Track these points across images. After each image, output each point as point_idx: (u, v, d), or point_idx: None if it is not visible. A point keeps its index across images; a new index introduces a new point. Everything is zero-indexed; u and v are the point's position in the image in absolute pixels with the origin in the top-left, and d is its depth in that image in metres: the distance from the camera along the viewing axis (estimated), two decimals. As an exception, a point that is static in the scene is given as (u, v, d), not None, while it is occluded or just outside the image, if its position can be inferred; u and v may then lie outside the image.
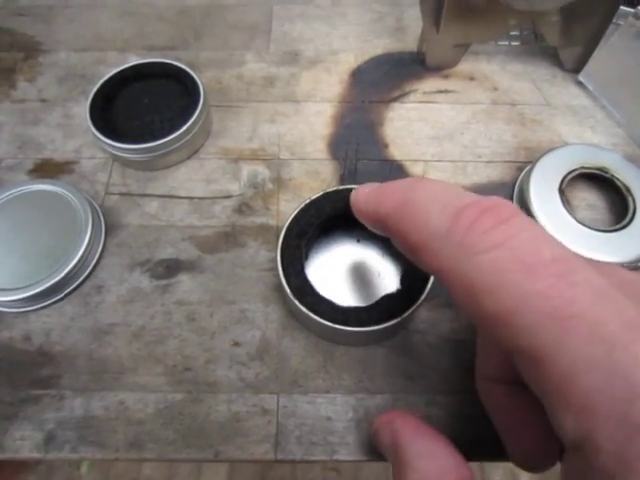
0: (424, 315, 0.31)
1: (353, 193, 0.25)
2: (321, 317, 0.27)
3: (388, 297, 0.28)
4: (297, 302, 0.27)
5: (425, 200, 0.19)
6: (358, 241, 0.32)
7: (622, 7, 0.35)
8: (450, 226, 0.17)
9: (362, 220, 0.25)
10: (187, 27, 0.46)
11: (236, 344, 0.31)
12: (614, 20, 0.36)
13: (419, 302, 0.27)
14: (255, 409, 0.29)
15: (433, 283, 0.28)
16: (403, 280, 0.28)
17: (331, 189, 0.30)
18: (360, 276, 0.31)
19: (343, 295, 0.30)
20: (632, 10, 0.34)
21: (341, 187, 0.30)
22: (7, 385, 0.31)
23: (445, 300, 0.32)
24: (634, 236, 0.32)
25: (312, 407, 0.29)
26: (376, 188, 0.23)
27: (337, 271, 0.32)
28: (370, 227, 0.24)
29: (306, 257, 0.31)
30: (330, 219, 0.30)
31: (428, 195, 0.19)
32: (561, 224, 0.32)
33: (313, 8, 0.47)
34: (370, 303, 0.28)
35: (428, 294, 0.28)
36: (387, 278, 0.31)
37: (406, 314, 0.27)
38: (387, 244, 0.32)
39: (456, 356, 0.30)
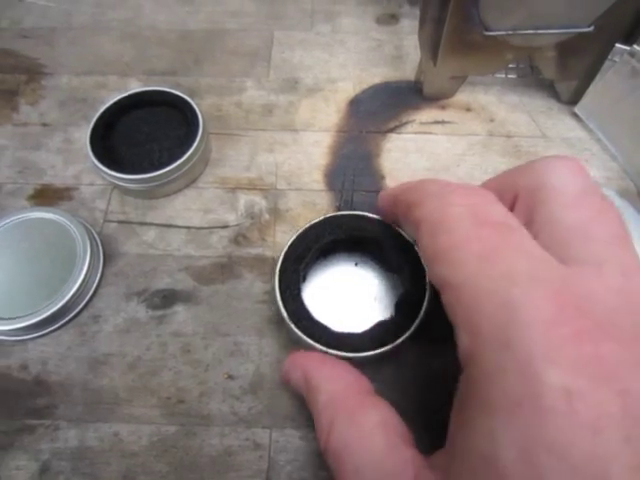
0: (418, 347, 0.31)
1: (382, 193, 0.30)
2: (316, 342, 0.27)
3: (381, 324, 0.28)
4: (293, 326, 0.28)
5: (433, 179, 0.26)
6: (356, 265, 0.33)
7: (617, 45, 0.35)
8: (441, 190, 0.24)
9: (389, 214, 0.29)
10: (188, 52, 0.47)
11: (230, 377, 0.32)
12: (610, 57, 0.36)
13: (411, 330, 0.27)
14: (247, 443, 0.30)
15: (426, 311, 0.28)
16: (398, 306, 0.29)
17: (331, 214, 0.31)
18: (357, 300, 0.31)
19: (339, 319, 0.30)
20: (627, 48, 0.35)
21: (341, 213, 0.31)
22: (3, 414, 0.31)
23: (439, 334, 0.32)
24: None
25: (304, 443, 0.30)
26: (414, 186, 0.26)
27: (334, 295, 0.32)
28: (393, 218, 0.29)
29: (304, 280, 0.31)
30: (329, 243, 0.31)
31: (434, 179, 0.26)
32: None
33: (313, 35, 0.47)
34: (365, 329, 0.28)
35: (421, 324, 0.28)
36: (383, 302, 0.31)
37: (397, 342, 0.27)
38: (385, 267, 0.32)
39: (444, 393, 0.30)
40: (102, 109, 0.39)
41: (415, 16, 0.36)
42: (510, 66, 0.41)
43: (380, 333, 0.27)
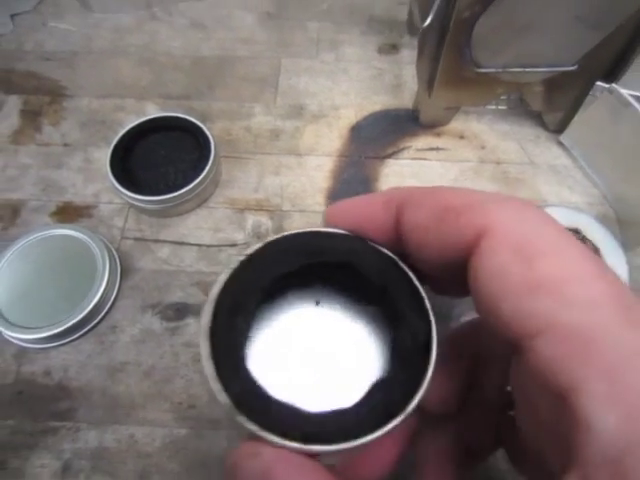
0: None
1: (341, 202, 0.21)
2: (284, 437, 0.16)
3: (379, 386, 0.18)
4: (242, 418, 0.16)
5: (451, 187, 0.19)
6: (318, 303, 0.21)
7: (598, 82, 0.38)
8: (505, 199, 0.17)
9: (353, 219, 0.20)
10: (201, 77, 0.50)
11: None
12: (591, 93, 0.39)
13: (424, 387, 0.17)
14: (252, 446, 0.33)
15: (438, 354, 0.18)
16: (395, 355, 0.19)
17: (271, 238, 0.20)
18: (330, 356, 0.20)
19: (312, 392, 0.19)
20: (607, 86, 0.38)
21: (285, 234, 0.20)
22: (28, 417, 0.34)
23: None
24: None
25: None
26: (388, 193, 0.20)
27: (296, 354, 0.20)
28: (362, 224, 0.20)
29: (248, 340, 0.19)
30: (277, 280, 0.19)
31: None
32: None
33: (318, 63, 0.50)
34: (355, 400, 0.17)
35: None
36: (371, 353, 0.20)
37: (410, 407, 0.17)
38: (360, 300, 0.21)
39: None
40: (121, 133, 0.42)
41: (414, 46, 0.39)
42: (501, 98, 0.44)
43: (381, 401, 0.17)
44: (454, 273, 0.17)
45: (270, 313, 0.21)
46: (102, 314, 0.37)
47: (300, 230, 0.20)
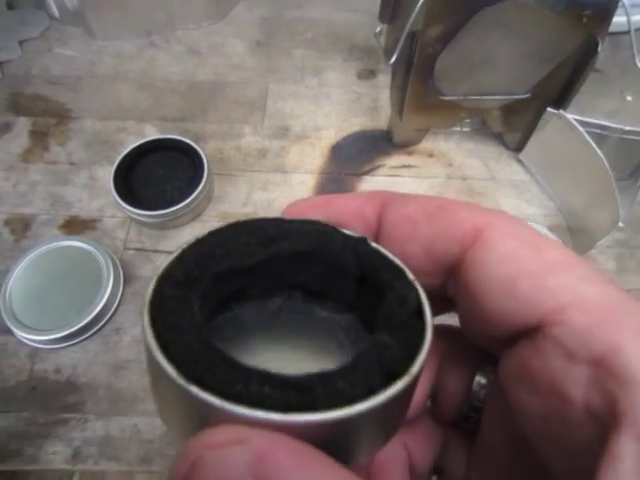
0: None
1: (309, 198, 0.19)
2: (256, 408, 0.11)
3: (373, 347, 0.13)
4: (198, 391, 0.11)
5: None
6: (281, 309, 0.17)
7: (549, 109, 0.43)
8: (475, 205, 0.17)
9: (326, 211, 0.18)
10: (196, 100, 0.55)
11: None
12: (543, 117, 0.44)
13: (429, 338, 0.14)
14: (241, 433, 0.37)
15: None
16: (384, 318, 0.15)
17: (212, 229, 0.17)
18: (302, 333, 0.17)
19: (284, 362, 0.16)
20: (556, 112, 0.42)
21: (225, 224, 0.17)
22: (41, 409, 0.38)
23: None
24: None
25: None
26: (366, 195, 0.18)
27: (262, 333, 0.17)
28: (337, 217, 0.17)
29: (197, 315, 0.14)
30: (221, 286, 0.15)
31: None
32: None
33: (303, 88, 0.55)
34: (344, 363, 0.13)
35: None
36: (354, 324, 0.17)
37: (419, 361, 0.13)
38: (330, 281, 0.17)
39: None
40: (123, 153, 0.46)
41: (390, 72, 0.44)
42: (465, 121, 0.48)
43: (376, 362, 0.13)
44: (433, 273, 0.16)
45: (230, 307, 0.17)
46: (107, 317, 0.42)
47: (248, 219, 0.16)
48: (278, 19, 0.61)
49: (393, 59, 0.38)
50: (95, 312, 0.40)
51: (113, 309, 0.42)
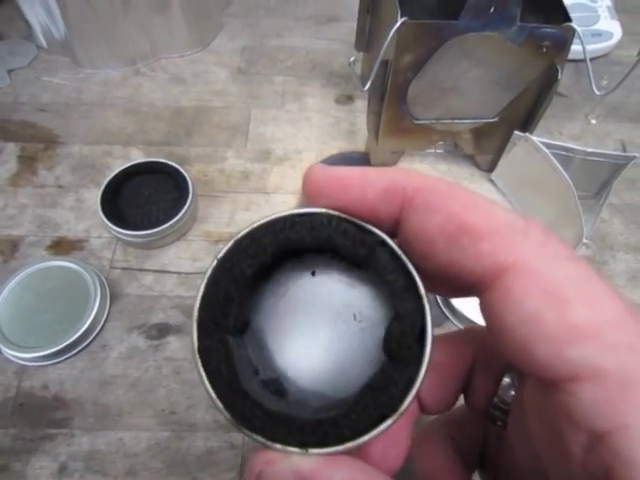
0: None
1: (327, 168, 0.18)
2: (285, 445, 0.16)
3: (374, 382, 0.17)
4: (250, 434, 0.17)
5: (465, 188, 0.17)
6: (314, 274, 0.20)
7: (516, 132, 0.46)
8: (527, 225, 0.16)
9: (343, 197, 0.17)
10: (180, 125, 0.57)
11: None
12: (511, 140, 0.46)
13: (419, 381, 0.17)
14: (225, 445, 0.38)
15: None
16: (388, 346, 0.17)
17: (241, 234, 0.18)
18: (330, 328, 0.19)
19: (312, 371, 0.19)
20: (523, 134, 0.45)
21: (256, 223, 0.18)
22: (28, 425, 0.39)
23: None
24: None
25: (269, 443, 0.38)
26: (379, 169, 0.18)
27: (294, 332, 0.20)
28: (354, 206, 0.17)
29: (240, 333, 0.19)
30: (258, 272, 0.18)
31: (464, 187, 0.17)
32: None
33: (284, 112, 0.57)
34: (350, 401, 0.17)
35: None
36: (369, 321, 0.19)
37: (405, 405, 0.16)
38: (356, 263, 0.18)
39: None
40: (110, 176, 0.48)
41: (367, 98, 0.46)
42: (438, 143, 0.51)
43: (373, 402, 0.17)
44: (453, 285, 0.16)
45: (262, 294, 0.20)
46: (94, 335, 0.43)
47: (273, 216, 0.18)
48: (259, 48, 0.64)
49: (367, 86, 0.40)
50: (82, 329, 0.41)
51: (100, 326, 0.43)
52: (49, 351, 0.40)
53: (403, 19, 0.37)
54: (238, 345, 0.19)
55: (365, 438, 0.16)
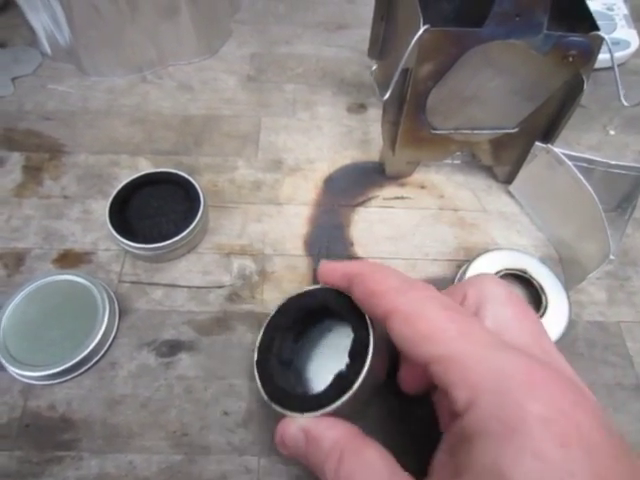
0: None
1: (325, 264, 0.33)
2: (292, 411, 0.30)
3: (341, 374, 0.30)
4: (276, 406, 0.31)
5: (384, 268, 0.31)
6: (330, 331, 0.38)
7: (537, 143, 0.44)
8: (407, 284, 0.28)
9: (329, 279, 0.32)
10: (189, 134, 0.55)
11: (225, 414, 0.39)
12: (532, 151, 0.45)
13: (364, 370, 0.29)
14: (240, 468, 0.37)
15: (373, 353, 0.30)
16: (350, 353, 0.30)
17: (287, 298, 0.35)
18: (335, 359, 0.33)
19: (309, 383, 0.36)
20: (544, 146, 0.44)
21: (294, 294, 0.34)
22: (34, 448, 0.38)
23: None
24: (546, 327, 0.40)
25: (286, 467, 0.36)
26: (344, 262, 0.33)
27: (318, 367, 0.37)
28: (333, 283, 0.32)
29: (287, 365, 0.35)
30: (294, 323, 0.35)
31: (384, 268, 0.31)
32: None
33: (295, 121, 0.56)
34: (327, 385, 0.30)
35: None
36: (345, 345, 0.32)
37: (356, 384, 0.29)
38: (333, 326, 0.38)
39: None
40: (119, 187, 0.47)
41: (380, 106, 0.45)
42: (455, 154, 0.50)
43: (339, 385, 0.29)
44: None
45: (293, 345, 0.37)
46: (102, 352, 0.41)
47: (303, 290, 0.34)
48: (268, 55, 0.63)
49: (387, 95, 0.39)
50: (91, 347, 0.40)
51: (109, 343, 0.41)
52: (56, 369, 0.39)
53: (426, 26, 0.36)
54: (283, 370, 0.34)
55: (334, 405, 0.29)
